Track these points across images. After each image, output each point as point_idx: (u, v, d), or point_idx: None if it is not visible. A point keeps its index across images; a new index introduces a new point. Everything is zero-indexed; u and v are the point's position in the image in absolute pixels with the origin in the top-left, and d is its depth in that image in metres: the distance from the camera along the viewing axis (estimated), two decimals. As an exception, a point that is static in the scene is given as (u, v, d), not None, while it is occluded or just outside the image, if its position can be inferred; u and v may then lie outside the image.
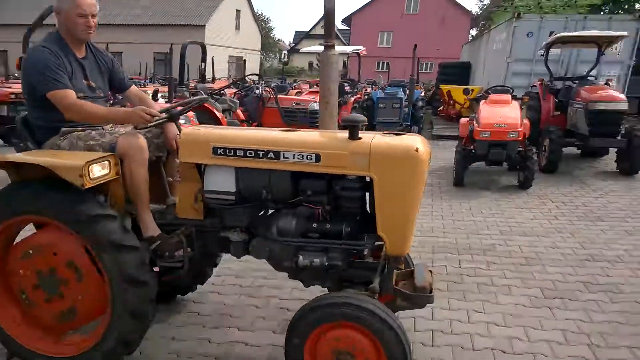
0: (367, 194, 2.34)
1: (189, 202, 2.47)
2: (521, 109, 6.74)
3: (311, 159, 2.24)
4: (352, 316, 2.07)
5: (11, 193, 2.32)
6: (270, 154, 2.28)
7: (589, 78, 7.84)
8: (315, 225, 2.37)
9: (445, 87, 14.10)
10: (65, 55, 2.48)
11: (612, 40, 7.86)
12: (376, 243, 2.37)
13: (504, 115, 6.26)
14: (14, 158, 2.28)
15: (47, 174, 2.21)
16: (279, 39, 53.41)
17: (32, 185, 2.30)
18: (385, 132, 2.42)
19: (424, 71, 25.68)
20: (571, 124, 7.36)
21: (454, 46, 28.14)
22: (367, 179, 2.27)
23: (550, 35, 8.66)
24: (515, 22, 10.66)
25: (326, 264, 2.33)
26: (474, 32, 35.70)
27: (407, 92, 10.63)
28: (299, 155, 2.25)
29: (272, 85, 11.68)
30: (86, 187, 2.18)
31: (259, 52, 40.10)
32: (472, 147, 6.40)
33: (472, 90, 12.92)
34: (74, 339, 2.51)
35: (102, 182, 2.28)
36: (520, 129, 6.08)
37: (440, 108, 14.50)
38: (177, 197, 2.57)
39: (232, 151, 2.32)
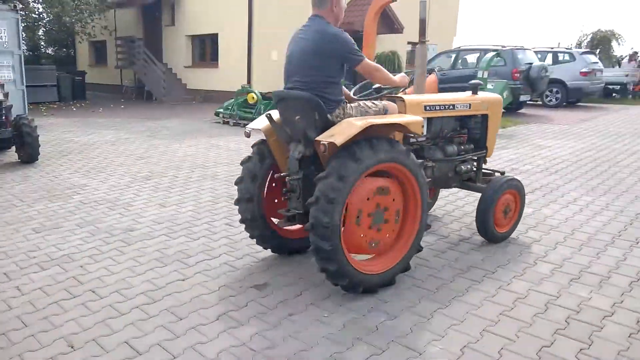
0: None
1: None
2: None
3: (466, 107, 3.97)
4: (513, 185, 4.02)
5: (373, 146, 2.90)
6: (450, 106, 3.86)
7: None
8: (462, 147, 4.10)
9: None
10: None
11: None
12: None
13: None
14: (351, 132, 2.84)
15: (375, 133, 2.96)
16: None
17: (384, 140, 2.98)
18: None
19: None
20: None
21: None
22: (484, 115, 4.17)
23: None
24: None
25: (469, 167, 4.15)
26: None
27: None
28: (462, 105, 3.94)
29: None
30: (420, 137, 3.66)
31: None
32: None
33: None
34: (377, 262, 3.18)
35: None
36: None
37: None
38: None
39: (432, 107, 3.73)
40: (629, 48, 25.13)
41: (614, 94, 17.98)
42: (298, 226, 3.43)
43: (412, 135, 3.39)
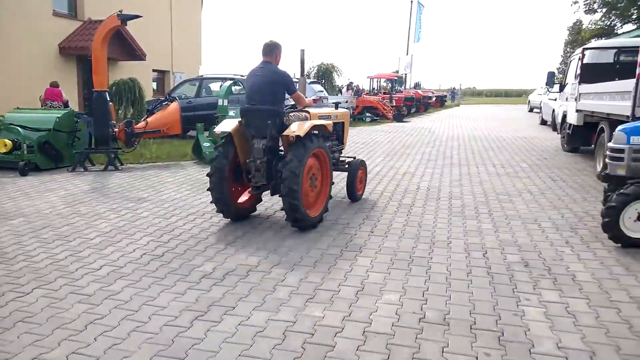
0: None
1: None
2: None
3: (336, 117, 6.15)
4: (364, 164, 6.59)
5: (313, 139, 4.94)
6: (331, 116, 6.07)
7: None
8: (335, 142, 6.28)
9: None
10: None
11: None
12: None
13: None
14: (306, 128, 4.83)
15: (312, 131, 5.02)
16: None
17: (317, 135, 5.17)
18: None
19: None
20: None
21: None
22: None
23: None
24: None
25: (337, 155, 6.43)
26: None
27: None
28: (335, 115, 6.12)
29: None
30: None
31: None
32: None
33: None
34: (313, 210, 5.10)
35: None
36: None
37: None
38: None
39: (323, 117, 5.82)
40: (346, 79, 29.54)
41: (340, 118, 20.76)
42: (245, 199, 5.45)
43: (327, 132, 5.47)
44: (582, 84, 9.39)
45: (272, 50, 5.14)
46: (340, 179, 7.15)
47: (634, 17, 31.60)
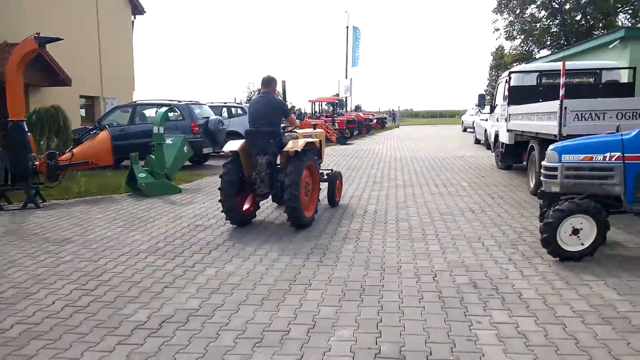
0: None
1: None
2: None
3: (315, 137, 7.22)
4: (340, 175, 8.03)
5: (307, 154, 6.19)
6: (312, 136, 7.24)
7: None
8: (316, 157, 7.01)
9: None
10: None
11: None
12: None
13: None
14: (301, 145, 5.98)
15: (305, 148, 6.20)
16: None
17: (310, 151, 6.48)
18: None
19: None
20: None
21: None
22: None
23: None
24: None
25: None
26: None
27: None
28: (314, 136, 7.25)
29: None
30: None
31: None
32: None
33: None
34: (307, 212, 6.26)
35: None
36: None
37: None
38: None
39: (307, 136, 6.99)
40: (288, 103, 29.70)
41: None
42: (247, 207, 6.36)
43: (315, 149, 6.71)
44: (510, 105, 9.86)
45: (269, 83, 6.40)
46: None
47: (547, 43, 34.19)
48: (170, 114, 11.09)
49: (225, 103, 17.40)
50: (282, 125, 6.54)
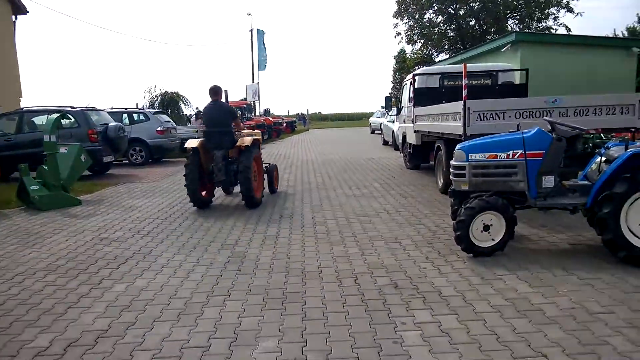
0: None
1: None
2: None
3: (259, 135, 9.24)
4: (276, 166, 10.24)
5: (254, 147, 8.07)
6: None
7: None
8: None
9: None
10: None
11: None
12: None
13: None
14: (250, 140, 7.76)
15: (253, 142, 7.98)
16: None
17: (256, 145, 8.38)
18: None
19: None
20: None
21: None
22: None
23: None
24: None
25: None
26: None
27: None
28: (258, 135, 8.98)
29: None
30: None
31: None
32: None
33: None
34: (257, 194, 8.05)
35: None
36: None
37: None
38: None
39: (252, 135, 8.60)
40: (194, 108, 28.60)
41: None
42: (204, 193, 7.83)
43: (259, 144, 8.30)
44: (416, 106, 10.28)
45: (217, 92, 7.83)
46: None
47: (445, 47, 36.49)
48: (64, 121, 10.13)
49: (126, 109, 16.34)
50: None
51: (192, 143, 7.75)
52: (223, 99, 8.07)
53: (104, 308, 3.78)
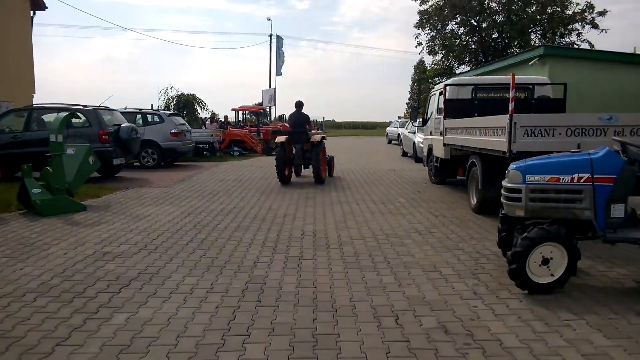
0: None
1: None
2: None
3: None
4: None
5: (321, 143, 11.97)
6: None
7: None
8: None
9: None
10: None
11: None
12: None
13: None
14: (319, 137, 11.94)
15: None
16: None
17: (322, 142, 11.98)
18: None
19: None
20: None
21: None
22: None
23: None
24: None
25: None
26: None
27: None
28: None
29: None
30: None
31: None
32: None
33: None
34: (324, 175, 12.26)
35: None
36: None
37: None
38: None
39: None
40: (210, 111, 28.16)
41: (205, 152, 19.38)
42: (287, 173, 11.43)
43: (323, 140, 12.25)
44: (446, 118, 9.64)
45: (300, 105, 11.54)
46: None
47: (466, 59, 35.79)
48: (74, 120, 9.64)
49: (140, 110, 15.83)
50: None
51: (280, 139, 11.41)
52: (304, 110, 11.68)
53: (99, 348, 3.16)
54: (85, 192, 9.27)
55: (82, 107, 11.34)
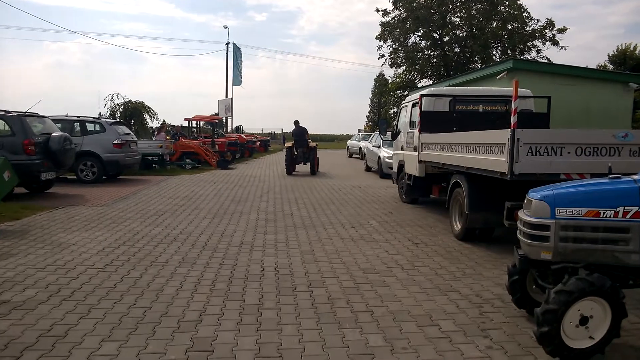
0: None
1: None
2: None
3: None
4: None
5: (315, 147, 18.58)
6: None
7: None
8: None
9: None
10: None
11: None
12: None
13: None
14: (314, 144, 19.22)
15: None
16: None
17: (315, 147, 18.65)
18: None
19: None
20: None
21: None
22: None
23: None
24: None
25: None
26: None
27: None
28: None
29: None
30: None
31: None
32: None
33: None
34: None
35: None
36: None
37: None
38: None
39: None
40: (160, 120, 26.29)
41: (154, 165, 17.78)
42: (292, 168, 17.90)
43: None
44: (422, 132, 8.75)
45: (298, 122, 18.00)
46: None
47: (429, 73, 35.72)
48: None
49: (79, 117, 14.08)
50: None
51: (288, 144, 17.83)
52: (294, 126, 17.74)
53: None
54: (2, 213, 7.75)
55: (3, 113, 9.74)
